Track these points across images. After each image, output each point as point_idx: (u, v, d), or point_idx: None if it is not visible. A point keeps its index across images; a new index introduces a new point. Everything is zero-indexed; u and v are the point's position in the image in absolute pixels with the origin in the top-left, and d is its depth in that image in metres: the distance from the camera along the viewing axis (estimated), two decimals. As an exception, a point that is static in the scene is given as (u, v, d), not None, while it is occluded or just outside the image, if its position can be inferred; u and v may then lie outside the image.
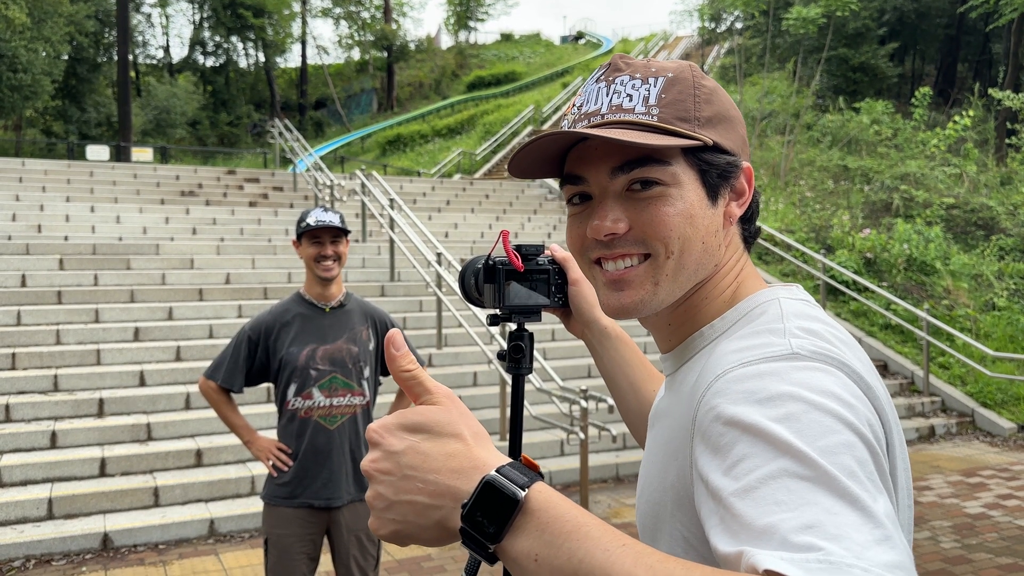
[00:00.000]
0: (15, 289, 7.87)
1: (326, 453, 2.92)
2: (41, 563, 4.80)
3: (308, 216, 2.98)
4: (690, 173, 0.84)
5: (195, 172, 14.40)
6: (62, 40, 28.28)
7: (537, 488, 0.66)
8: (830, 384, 0.70)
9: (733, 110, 0.89)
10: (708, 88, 0.87)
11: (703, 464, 0.70)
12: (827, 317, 0.84)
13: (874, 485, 0.64)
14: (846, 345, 0.79)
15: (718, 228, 0.87)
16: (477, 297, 1.63)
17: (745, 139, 0.91)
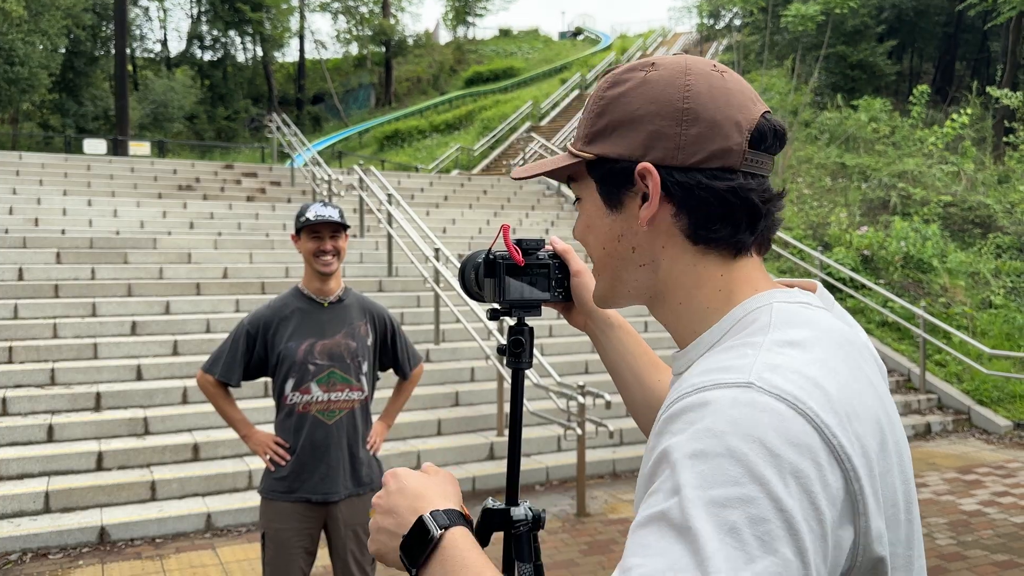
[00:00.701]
0: (12, 283, 7.86)
1: (324, 448, 2.92)
2: (38, 556, 4.80)
3: (307, 211, 2.97)
4: (592, 186, 0.91)
5: (193, 166, 14.38)
6: (59, 33, 28.18)
7: (453, 531, 0.87)
8: (763, 429, 0.67)
9: (650, 106, 0.84)
10: (608, 97, 0.88)
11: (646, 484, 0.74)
12: (821, 322, 0.81)
13: (761, 546, 0.63)
14: (827, 363, 0.75)
15: (622, 232, 0.89)
16: (477, 291, 1.63)
17: (662, 132, 0.84)
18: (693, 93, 0.84)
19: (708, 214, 0.84)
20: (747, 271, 0.87)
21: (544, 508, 1.58)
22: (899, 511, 0.77)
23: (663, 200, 0.85)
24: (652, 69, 0.87)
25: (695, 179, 0.83)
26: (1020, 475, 6.87)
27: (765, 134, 0.85)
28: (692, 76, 0.85)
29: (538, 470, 6.44)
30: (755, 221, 0.85)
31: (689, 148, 0.83)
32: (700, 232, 0.85)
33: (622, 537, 5.22)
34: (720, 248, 0.86)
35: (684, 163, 0.83)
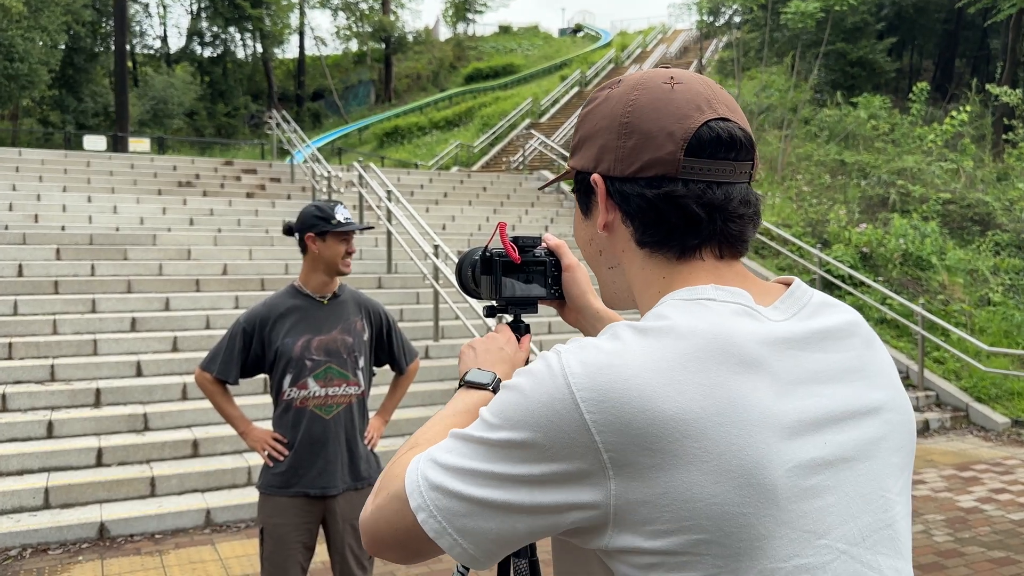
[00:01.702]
0: (12, 279, 7.87)
1: (322, 442, 2.94)
2: (38, 552, 4.82)
3: (334, 213, 2.99)
4: (576, 195, 1.01)
5: (192, 163, 14.38)
6: (59, 29, 28.14)
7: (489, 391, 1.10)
8: (516, 404, 0.80)
9: (602, 122, 0.92)
10: (582, 114, 0.97)
11: None
12: (691, 319, 0.81)
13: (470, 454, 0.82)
14: (643, 352, 0.78)
15: (592, 237, 0.98)
16: (474, 289, 1.64)
17: (607, 145, 0.90)
18: (635, 107, 0.89)
19: (644, 219, 0.90)
20: (690, 274, 0.90)
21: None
22: (689, 518, 0.75)
23: (614, 208, 0.92)
24: (615, 87, 0.94)
25: (632, 188, 0.89)
26: (1018, 472, 6.89)
27: (704, 142, 0.87)
28: (639, 91, 0.90)
29: (537, 467, 6.46)
30: (694, 225, 0.88)
31: (626, 159, 0.89)
32: (642, 237, 0.91)
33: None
34: (663, 251, 0.90)
35: (623, 173, 0.90)
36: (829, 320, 0.88)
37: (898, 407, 0.89)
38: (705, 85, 0.91)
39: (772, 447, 0.76)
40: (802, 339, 0.84)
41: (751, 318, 0.84)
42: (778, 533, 0.76)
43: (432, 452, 0.85)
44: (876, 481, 0.83)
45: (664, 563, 0.76)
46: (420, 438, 0.96)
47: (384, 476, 0.90)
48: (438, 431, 0.96)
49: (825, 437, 0.80)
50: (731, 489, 0.74)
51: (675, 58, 35.31)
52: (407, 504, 0.83)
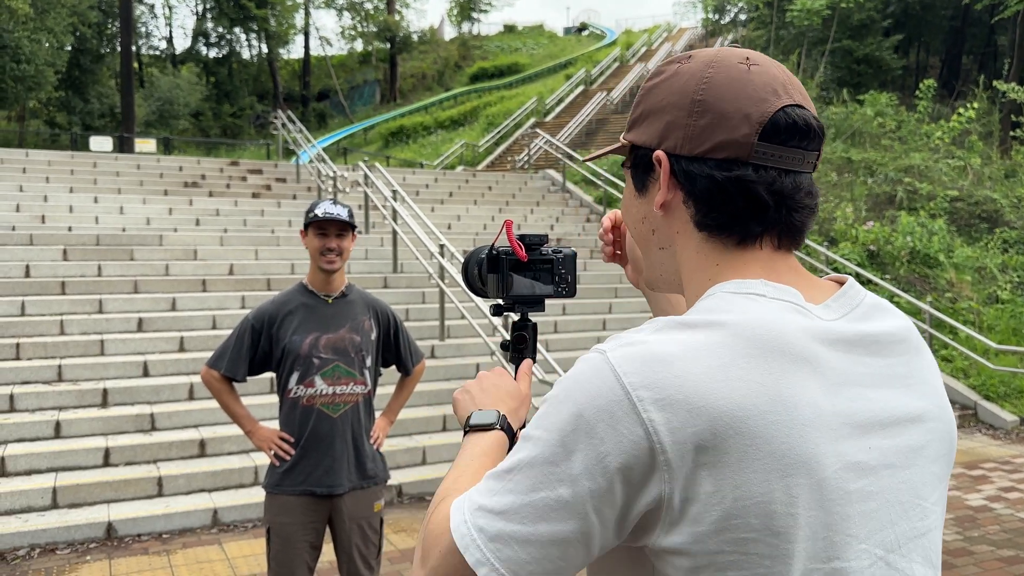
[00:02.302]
0: (19, 279, 7.89)
1: (328, 441, 2.94)
2: (46, 552, 4.83)
3: (317, 207, 2.99)
4: (629, 170, 0.97)
5: (198, 163, 14.40)
6: (65, 31, 28.25)
7: (497, 433, 1.08)
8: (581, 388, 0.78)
9: (671, 97, 0.88)
10: (646, 88, 0.94)
11: None
12: (744, 314, 0.80)
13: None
14: (701, 348, 0.76)
15: (645, 215, 0.94)
16: (480, 287, 1.63)
17: (676, 122, 0.87)
18: (710, 85, 0.86)
19: (709, 202, 0.86)
20: (744, 264, 0.87)
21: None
22: (750, 519, 0.73)
23: (676, 187, 0.88)
24: (686, 62, 0.90)
25: (700, 168, 0.86)
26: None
27: (779, 127, 0.84)
28: (714, 68, 0.87)
29: (543, 466, 6.45)
30: (760, 212, 0.85)
31: (697, 138, 0.86)
32: (702, 219, 0.88)
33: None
34: (721, 236, 0.87)
35: (691, 152, 0.86)
36: (881, 324, 0.87)
37: (941, 417, 0.88)
38: (780, 69, 0.89)
39: (821, 448, 0.76)
40: (852, 341, 0.83)
41: (801, 315, 0.82)
42: (822, 535, 0.75)
43: (475, 499, 0.80)
44: (914, 490, 0.83)
45: (712, 563, 0.74)
46: (448, 491, 0.90)
47: (426, 537, 0.84)
48: (467, 480, 0.92)
49: (871, 442, 0.80)
50: (780, 488, 0.73)
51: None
52: (463, 561, 0.78)
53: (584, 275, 10.09)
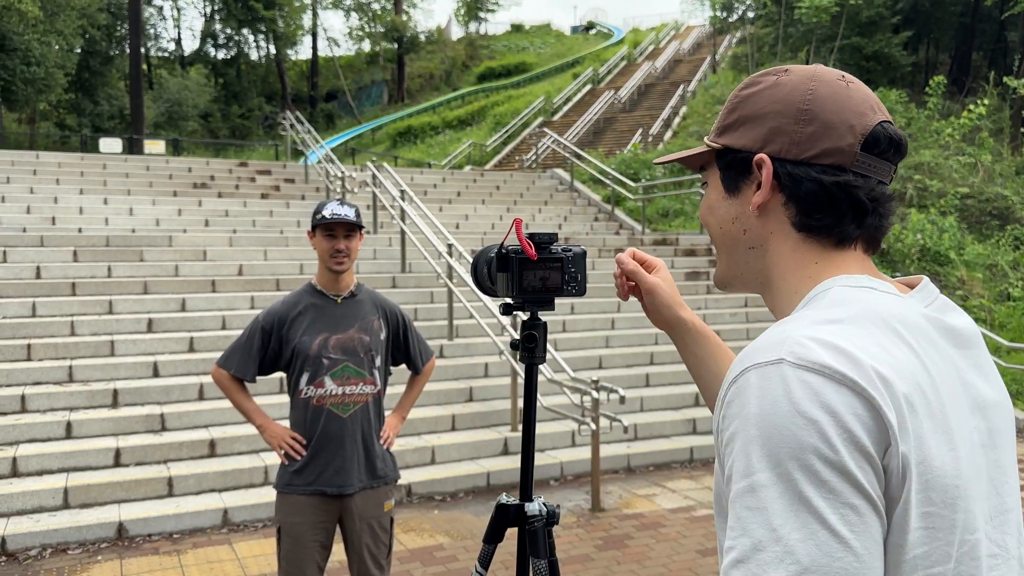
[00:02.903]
0: (30, 281, 7.93)
1: (339, 441, 2.94)
2: (57, 552, 4.85)
3: (324, 208, 2.99)
4: (716, 173, 1.02)
5: (207, 164, 14.45)
6: (75, 33, 28.41)
7: None
8: (799, 401, 0.75)
9: (775, 105, 0.94)
10: (742, 96, 0.98)
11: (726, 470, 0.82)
12: (872, 303, 0.85)
13: (829, 504, 0.73)
14: (860, 335, 0.80)
15: (736, 216, 0.99)
16: (490, 286, 1.63)
17: (781, 128, 0.93)
18: (815, 97, 0.93)
19: (813, 204, 0.92)
20: (843, 262, 0.93)
21: (558, 503, 1.58)
22: (937, 479, 0.79)
23: (774, 189, 0.94)
24: (784, 75, 0.97)
25: (805, 172, 0.92)
26: (1039, 469, 6.82)
27: (879, 139, 0.91)
28: (816, 82, 0.94)
29: (552, 465, 6.44)
30: (861, 216, 0.92)
31: (803, 144, 0.92)
32: (804, 220, 0.93)
33: (637, 532, 5.21)
34: (821, 237, 0.93)
35: (797, 157, 0.92)
36: (957, 320, 0.93)
37: (1009, 406, 0.94)
38: (869, 90, 0.96)
39: (964, 423, 0.84)
40: (945, 330, 0.90)
41: (910, 304, 0.89)
42: (966, 507, 0.81)
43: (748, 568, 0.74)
44: (1000, 468, 0.89)
45: (902, 544, 0.77)
46: None
47: None
48: None
49: (975, 422, 0.87)
50: (949, 462, 0.79)
51: (688, 54, 35.16)
52: None
53: (593, 274, 10.07)
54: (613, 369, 8.22)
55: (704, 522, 5.38)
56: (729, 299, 10.38)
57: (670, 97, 26.17)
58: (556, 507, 1.73)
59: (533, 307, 1.60)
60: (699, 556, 4.79)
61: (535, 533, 1.70)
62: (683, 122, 23.98)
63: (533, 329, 1.63)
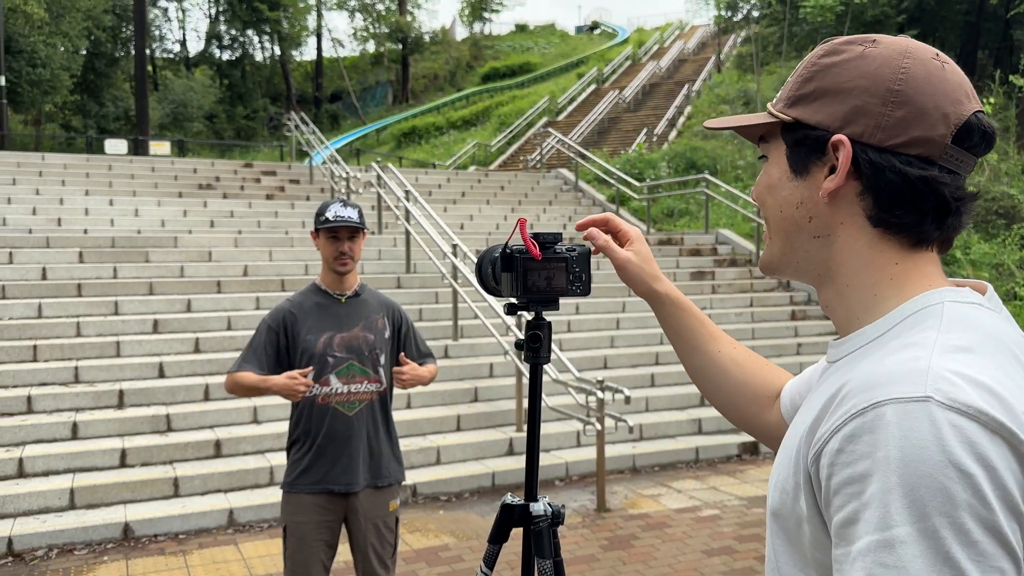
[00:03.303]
0: (36, 282, 7.96)
1: (345, 439, 2.94)
2: (63, 552, 4.87)
3: (327, 210, 2.98)
4: (781, 148, 0.91)
5: (212, 165, 14.48)
6: (80, 35, 28.50)
7: None
8: (953, 449, 0.68)
9: (861, 80, 0.84)
10: (821, 64, 0.88)
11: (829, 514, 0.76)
12: (990, 326, 0.80)
13: (978, 567, 0.66)
14: (997, 368, 0.74)
15: (802, 200, 0.89)
16: (494, 286, 1.62)
17: (866, 108, 0.83)
18: (908, 76, 0.83)
19: (895, 199, 0.83)
20: (924, 264, 0.86)
21: (564, 503, 1.57)
22: None
23: (851, 176, 0.84)
24: (872, 45, 0.86)
25: (889, 161, 0.82)
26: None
27: (972, 132, 0.83)
28: (910, 59, 0.84)
29: (558, 465, 6.44)
30: (943, 216, 0.84)
31: (890, 129, 0.82)
32: (883, 215, 0.84)
33: (642, 532, 5.21)
34: (900, 235, 0.85)
35: (882, 143, 0.83)
36: None
37: None
38: (963, 74, 0.87)
39: None
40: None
41: (1014, 328, 0.83)
42: None
43: None
44: None
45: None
46: None
47: None
48: None
49: None
50: None
51: (693, 54, 35.12)
52: None
53: (598, 274, 10.05)
54: (618, 369, 8.21)
55: (709, 522, 5.37)
56: (734, 299, 10.37)
57: (675, 97, 26.15)
58: (561, 507, 1.72)
59: (537, 307, 1.59)
60: (704, 556, 4.78)
61: (540, 533, 1.69)
62: (688, 122, 23.96)
63: (537, 329, 1.63)
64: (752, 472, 6.60)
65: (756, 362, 1.21)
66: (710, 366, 1.21)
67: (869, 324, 0.86)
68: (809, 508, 0.79)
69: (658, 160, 17.25)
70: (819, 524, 0.78)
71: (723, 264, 11.51)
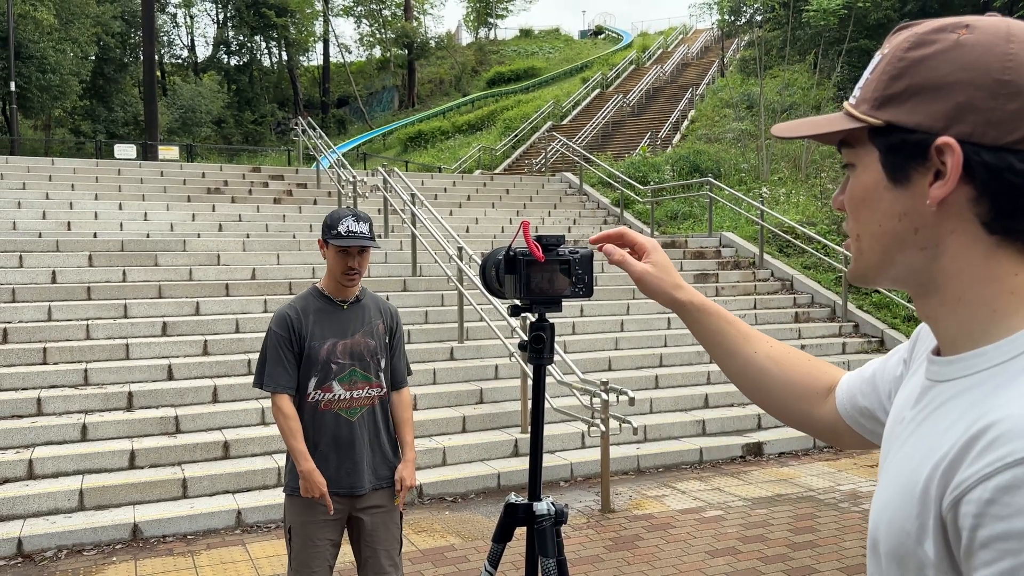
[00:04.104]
0: (46, 285, 8.03)
1: (349, 443, 2.98)
2: (72, 553, 4.92)
3: (339, 224, 2.93)
4: (872, 154, 0.82)
5: (221, 170, 14.56)
6: (89, 41, 28.67)
7: None
8: None
9: (961, 73, 0.75)
10: (910, 59, 0.79)
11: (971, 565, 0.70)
12: None
13: None
14: None
15: (906, 211, 0.80)
16: (498, 288, 1.66)
17: (973, 104, 0.75)
18: (1016, 64, 0.74)
19: (1016, 202, 0.74)
20: None
21: (568, 504, 1.60)
22: None
23: (962, 180, 0.75)
24: (966, 32, 0.77)
25: (1006, 161, 0.73)
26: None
27: None
28: (1016, 44, 0.75)
29: (563, 466, 6.48)
30: None
31: (1004, 125, 0.73)
32: (1001, 221, 0.75)
33: (647, 533, 5.24)
34: (1019, 243, 0.76)
35: (995, 142, 0.74)
36: None
37: None
38: None
39: None
40: None
41: None
42: None
43: None
44: None
45: None
46: None
47: None
48: None
49: None
50: None
51: (696, 58, 35.14)
52: None
53: (601, 276, 10.11)
54: (622, 371, 8.25)
55: (713, 523, 5.40)
56: (738, 301, 10.39)
57: (679, 100, 26.18)
58: (564, 507, 1.75)
59: (540, 309, 1.63)
60: (708, 557, 4.81)
61: (543, 532, 1.72)
62: (691, 125, 23.97)
63: (541, 331, 1.66)
64: (756, 473, 6.62)
65: (799, 358, 1.16)
66: (748, 367, 1.17)
67: (990, 344, 0.77)
68: (938, 555, 0.73)
69: (662, 163, 17.28)
70: (949, 573, 0.73)
71: (727, 267, 11.53)
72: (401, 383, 3.18)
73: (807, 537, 5.13)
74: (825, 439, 1.13)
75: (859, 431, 1.05)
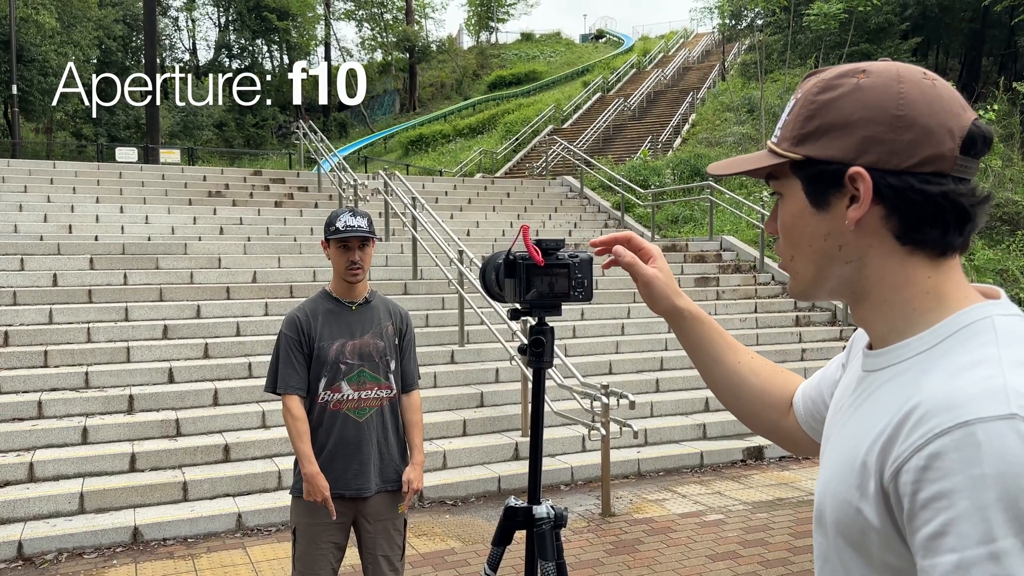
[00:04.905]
0: (47, 288, 8.04)
1: (356, 445, 2.99)
2: (73, 556, 4.92)
3: (337, 220, 2.99)
4: (796, 184, 0.94)
5: (222, 173, 14.58)
6: (91, 44, 28.72)
7: None
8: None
9: (864, 111, 0.88)
10: (820, 101, 0.91)
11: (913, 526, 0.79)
12: None
13: None
14: None
15: (830, 231, 0.92)
16: (498, 292, 1.67)
17: (876, 137, 0.87)
18: (907, 100, 0.86)
19: (919, 217, 0.87)
20: (954, 274, 0.90)
21: (568, 507, 1.60)
22: None
23: (873, 202, 0.87)
24: (864, 76, 0.89)
25: (907, 183, 0.86)
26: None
27: (975, 140, 0.87)
28: (905, 84, 0.87)
29: (563, 470, 6.48)
30: (963, 223, 0.87)
31: (903, 153, 0.86)
32: (910, 234, 0.88)
33: (647, 537, 5.24)
34: (927, 249, 0.88)
35: (898, 167, 0.86)
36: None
37: None
38: (952, 87, 0.91)
39: None
40: None
41: None
42: None
43: None
44: None
45: None
46: None
47: None
48: None
49: None
50: None
51: (697, 62, 35.19)
52: None
53: (601, 280, 10.11)
54: (623, 374, 8.25)
55: (714, 527, 5.40)
56: (739, 304, 10.39)
57: (679, 104, 26.21)
58: (564, 510, 1.76)
59: (540, 312, 1.63)
60: (709, 561, 4.81)
61: (543, 536, 1.73)
62: (692, 129, 23.99)
63: (540, 334, 1.67)
64: (756, 477, 6.62)
65: (772, 370, 1.25)
66: (731, 376, 1.24)
67: (913, 336, 0.88)
68: (881, 519, 0.82)
69: (663, 167, 17.30)
70: (891, 535, 0.82)
71: (727, 270, 11.54)
72: (411, 386, 3.20)
73: (808, 541, 5.13)
74: (785, 446, 1.24)
75: (811, 435, 1.15)
